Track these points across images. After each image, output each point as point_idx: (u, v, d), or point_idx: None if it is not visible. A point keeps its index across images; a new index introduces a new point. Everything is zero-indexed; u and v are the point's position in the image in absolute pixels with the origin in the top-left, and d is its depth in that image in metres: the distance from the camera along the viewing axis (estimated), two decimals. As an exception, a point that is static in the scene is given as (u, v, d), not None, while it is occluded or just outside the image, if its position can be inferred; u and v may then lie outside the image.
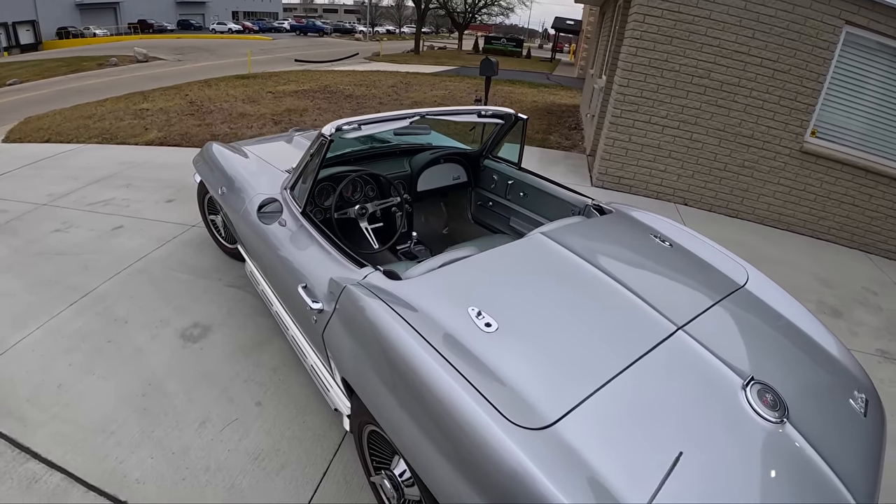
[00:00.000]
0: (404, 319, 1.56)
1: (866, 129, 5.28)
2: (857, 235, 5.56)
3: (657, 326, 1.69)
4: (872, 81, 5.13)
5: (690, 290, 2.00)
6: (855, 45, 5.05)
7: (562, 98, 14.00)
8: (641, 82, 5.53)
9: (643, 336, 1.64)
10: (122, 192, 5.19)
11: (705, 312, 1.83)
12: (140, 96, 10.78)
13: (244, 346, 2.96)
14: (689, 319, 1.76)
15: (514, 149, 3.37)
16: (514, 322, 1.60)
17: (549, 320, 1.65)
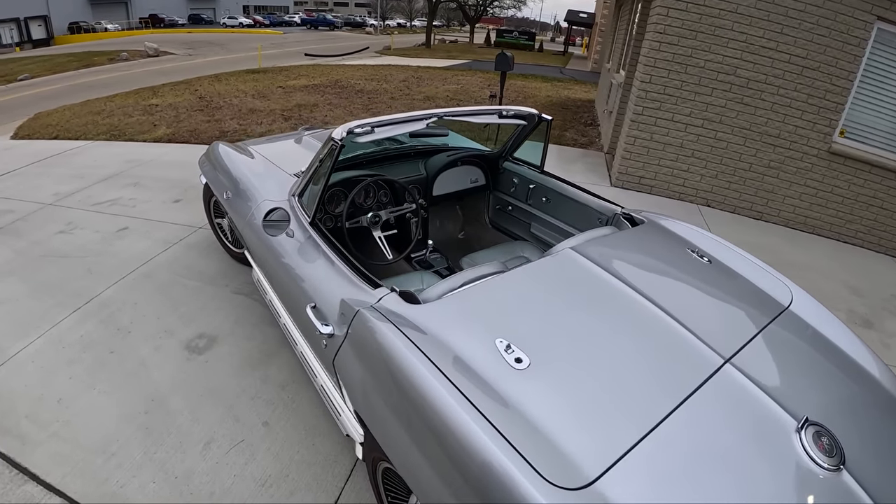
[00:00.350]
0: (424, 353, 1.41)
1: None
2: (885, 240, 5.34)
3: (703, 359, 1.53)
4: (906, 79, 4.89)
5: (734, 315, 1.83)
6: (887, 42, 4.81)
7: (576, 93, 13.75)
8: (664, 78, 5.31)
9: (689, 371, 1.48)
10: (128, 192, 5.08)
11: (752, 341, 1.67)
12: (149, 91, 10.69)
13: (251, 359, 2.82)
14: (735, 350, 1.60)
15: (534, 148, 3.20)
16: (547, 356, 1.44)
17: (585, 353, 1.49)
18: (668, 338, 1.59)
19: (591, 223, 2.80)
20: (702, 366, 1.50)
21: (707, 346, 1.58)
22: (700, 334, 1.62)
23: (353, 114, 9.23)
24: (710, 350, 1.57)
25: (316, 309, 1.86)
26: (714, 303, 1.89)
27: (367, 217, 2.74)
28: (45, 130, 7.65)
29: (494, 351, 1.42)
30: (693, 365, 1.50)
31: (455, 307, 1.61)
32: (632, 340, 1.57)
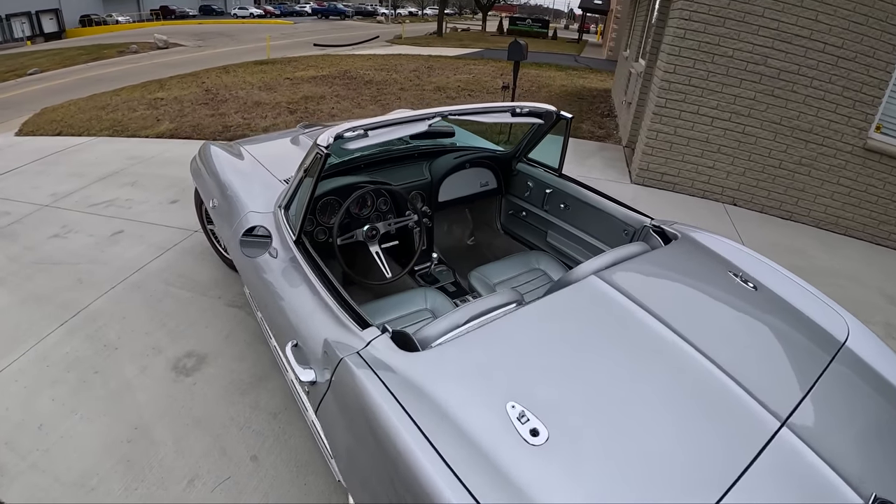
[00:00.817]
0: (416, 424, 1.16)
1: (940, 123, 4.69)
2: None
3: (756, 424, 1.27)
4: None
5: (787, 359, 1.56)
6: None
7: (591, 82, 13.35)
8: (689, 69, 4.97)
9: (740, 442, 1.21)
10: (125, 192, 4.89)
11: (809, 393, 1.41)
12: (156, 84, 10.51)
13: (241, 383, 2.61)
14: (792, 408, 1.35)
15: (549, 146, 2.92)
16: (570, 426, 1.18)
17: (617, 420, 1.22)
18: (715, 396, 1.33)
19: (616, 235, 2.53)
20: (755, 433, 1.24)
21: (760, 404, 1.32)
22: (751, 389, 1.36)
23: (360, 106, 8.97)
24: (764, 410, 1.31)
25: (297, 349, 1.61)
26: (764, 344, 1.61)
27: (362, 230, 2.46)
28: (50, 126, 7.50)
29: (505, 419, 1.16)
30: (745, 432, 1.24)
31: (458, 357, 1.35)
32: (673, 402, 1.30)
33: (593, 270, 1.91)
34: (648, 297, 1.64)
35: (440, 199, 2.93)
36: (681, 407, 1.29)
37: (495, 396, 1.23)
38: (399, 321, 2.21)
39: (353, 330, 1.49)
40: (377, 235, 2.47)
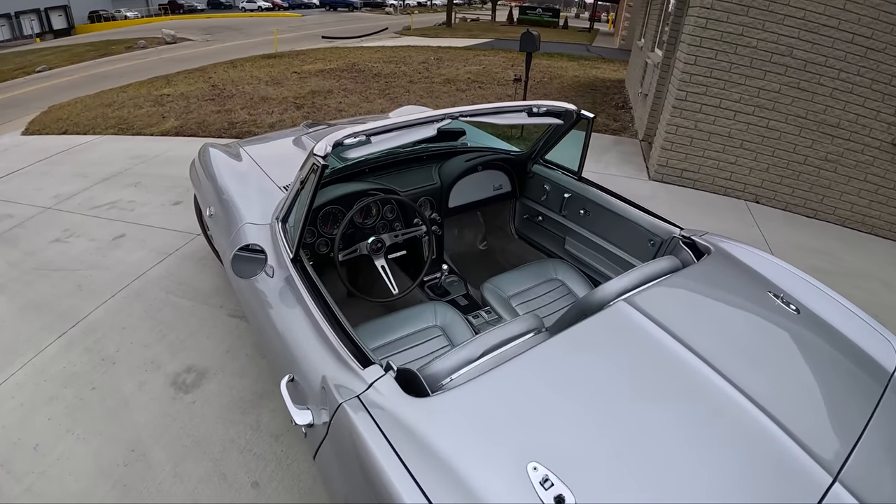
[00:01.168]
0: (421, 490, 1.01)
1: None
2: (952, 241, 4.77)
3: (807, 479, 1.12)
4: None
5: (836, 397, 1.40)
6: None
7: (604, 72, 13.06)
8: (711, 59, 4.75)
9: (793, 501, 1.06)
10: (128, 193, 4.79)
11: (861, 439, 1.26)
12: (163, 80, 10.40)
13: (242, 401, 2.48)
14: (844, 458, 1.19)
15: (566, 146, 2.75)
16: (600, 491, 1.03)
17: (652, 480, 1.07)
18: (762, 449, 1.17)
19: (641, 246, 2.36)
20: (807, 492, 1.09)
21: (810, 455, 1.17)
22: (800, 437, 1.20)
23: (368, 100, 8.80)
24: (815, 463, 1.15)
25: (294, 385, 1.47)
26: (811, 381, 1.43)
27: (366, 243, 2.29)
28: (56, 125, 7.42)
29: (525, 484, 1.01)
30: (796, 491, 1.09)
31: (472, 404, 1.19)
32: (717, 457, 1.14)
33: (620, 291, 1.75)
34: (683, 328, 1.47)
35: (451, 205, 2.77)
36: (725, 463, 1.14)
37: (515, 455, 1.07)
38: (407, 340, 2.06)
39: (354, 368, 1.34)
40: (383, 248, 2.30)
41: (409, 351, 2.03)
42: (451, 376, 1.33)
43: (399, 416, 1.16)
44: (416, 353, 2.03)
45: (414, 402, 1.20)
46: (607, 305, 1.74)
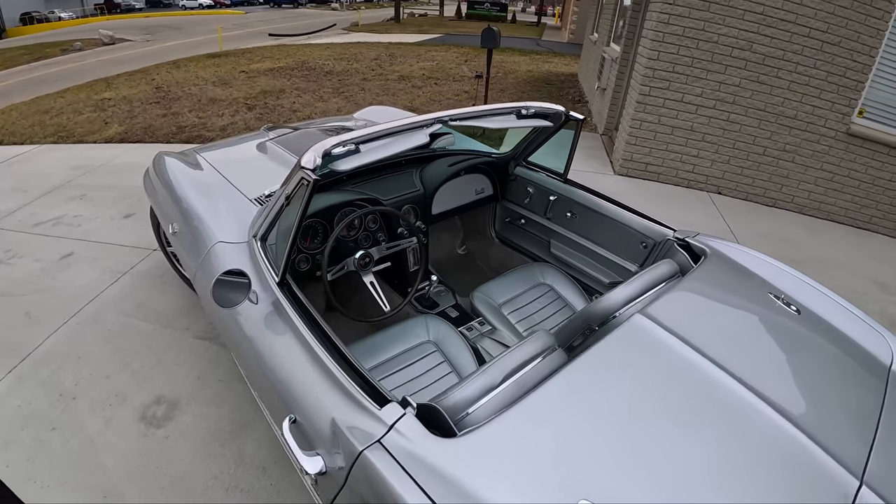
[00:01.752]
0: None
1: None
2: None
3: (837, 485, 1.12)
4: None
5: (847, 397, 1.42)
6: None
7: (557, 66, 13.17)
8: (674, 55, 4.79)
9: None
10: (74, 207, 4.44)
11: (877, 438, 1.28)
12: (103, 84, 9.81)
13: (220, 432, 2.30)
14: (865, 459, 1.20)
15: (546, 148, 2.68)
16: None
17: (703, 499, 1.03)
18: (798, 460, 1.16)
19: (632, 248, 2.31)
20: (839, 496, 1.10)
21: (837, 462, 1.17)
22: (824, 443, 1.20)
23: (322, 99, 8.55)
24: (841, 468, 1.15)
25: (296, 426, 1.32)
26: (822, 382, 1.45)
27: (354, 259, 2.12)
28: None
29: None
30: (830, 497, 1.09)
31: (508, 441, 1.09)
32: (759, 474, 1.12)
33: (626, 300, 1.69)
34: (702, 339, 1.44)
35: (434, 212, 2.65)
36: (766, 478, 1.11)
37: (563, 493, 1.00)
38: (401, 358, 1.94)
39: (369, 408, 1.21)
40: (371, 263, 2.15)
41: (404, 370, 1.91)
42: (473, 406, 1.23)
43: (430, 461, 1.05)
44: (413, 372, 1.91)
45: (444, 444, 1.09)
46: (614, 316, 1.68)
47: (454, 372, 1.94)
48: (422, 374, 1.91)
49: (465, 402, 1.24)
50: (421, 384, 1.87)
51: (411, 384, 1.86)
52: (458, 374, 1.93)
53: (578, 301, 2.43)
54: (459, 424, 1.18)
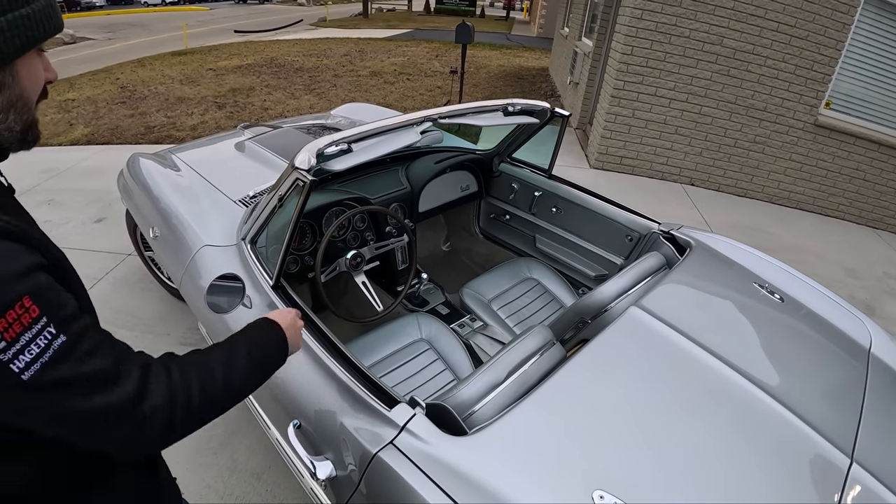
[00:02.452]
0: None
1: (882, 99, 4.86)
2: (866, 211, 5.23)
3: (830, 464, 1.19)
4: (891, 49, 4.65)
5: (832, 379, 1.50)
6: (875, 8, 4.54)
7: (527, 60, 13.24)
8: (647, 49, 4.87)
9: (825, 489, 1.13)
10: (42, 212, 4.28)
11: (862, 417, 1.35)
12: (66, 84, 9.46)
13: (212, 439, 2.26)
14: (853, 438, 1.27)
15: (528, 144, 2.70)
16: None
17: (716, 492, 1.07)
18: (793, 442, 1.22)
19: (617, 241, 2.35)
20: (833, 475, 1.16)
21: (827, 440, 1.23)
22: (815, 423, 1.27)
23: (294, 96, 8.43)
24: (832, 447, 1.22)
25: (302, 431, 1.31)
26: (809, 366, 1.53)
27: (345, 259, 2.09)
28: (-62, 136, 6.55)
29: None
30: (825, 477, 1.16)
31: (520, 437, 1.10)
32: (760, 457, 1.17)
33: (618, 293, 1.72)
34: (696, 329, 1.49)
35: (421, 210, 2.64)
36: (766, 462, 1.17)
37: (577, 484, 1.02)
38: (395, 357, 1.94)
39: (378, 409, 1.20)
40: (362, 263, 2.13)
41: (399, 370, 1.91)
42: (479, 404, 1.23)
43: (445, 459, 1.05)
44: (408, 371, 1.91)
45: (458, 442, 1.09)
46: (606, 309, 1.71)
47: (449, 369, 1.94)
48: (417, 373, 1.90)
49: (472, 399, 1.24)
50: (416, 382, 1.87)
51: (407, 383, 1.86)
52: (453, 371, 1.93)
53: (565, 295, 2.46)
54: (467, 422, 1.19)
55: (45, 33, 0.73)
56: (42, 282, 0.64)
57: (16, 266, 0.61)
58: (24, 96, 0.74)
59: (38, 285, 0.63)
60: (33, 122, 0.79)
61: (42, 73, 0.77)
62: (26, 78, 0.73)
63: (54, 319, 0.62)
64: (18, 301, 0.59)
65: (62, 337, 0.63)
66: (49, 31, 0.74)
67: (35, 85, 0.76)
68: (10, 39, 0.67)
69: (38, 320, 0.61)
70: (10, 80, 0.70)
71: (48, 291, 0.64)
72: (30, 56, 0.72)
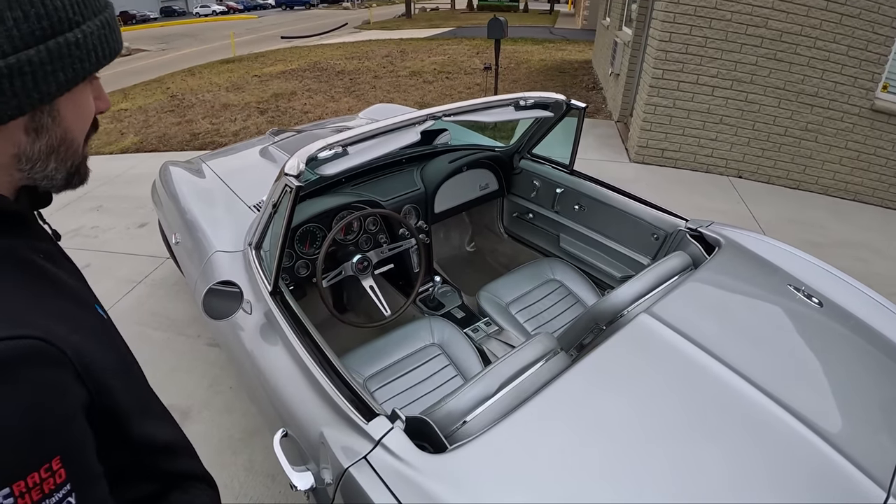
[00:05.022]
0: None
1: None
2: (932, 203, 4.79)
3: (861, 498, 1.04)
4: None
5: (875, 400, 1.31)
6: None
7: (570, 54, 12.97)
8: (686, 35, 4.64)
9: None
10: (91, 218, 4.50)
11: None
12: (120, 95, 9.95)
13: (231, 440, 2.30)
14: (893, 469, 1.11)
15: (551, 139, 2.61)
16: None
17: None
18: (821, 474, 1.07)
19: (643, 240, 2.23)
20: None
21: (861, 470, 1.08)
22: (847, 451, 1.11)
23: (334, 99, 8.55)
24: (867, 478, 1.07)
25: (288, 440, 1.29)
26: (850, 382, 1.35)
27: (351, 263, 2.06)
28: (5, 148, 7.01)
29: None
30: None
31: (502, 456, 1.03)
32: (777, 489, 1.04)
33: (634, 297, 1.62)
34: (712, 340, 1.35)
35: (436, 210, 2.60)
36: (783, 489, 1.04)
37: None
38: (404, 363, 1.90)
39: (357, 422, 1.16)
40: (370, 267, 2.09)
41: (408, 375, 1.87)
42: (469, 417, 1.18)
43: (417, 480, 1.00)
44: (417, 377, 1.87)
45: (431, 461, 1.04)
46: (622, 314, 1.61)
47: (460, 375, 1.89)
48: (426, 379, 1.86)
49: (460, 412, 1.19)
50: (425, 389, 1.83)
51: (415, 389, 1.82)
52: (464, 377, 1.88)
53: (590, 297, 2.36)
54: (453, 437, 1.13)
55: (97, 62, 0.57)
56: (79, 433, 0.50)
57: (59, 411, 0.47)
58: (69, 138, 0.58)
59: (74, 440, 0.49)
60: (81, 165, 0.63)
61: (92, 105, 0.61)
62: (72, 117, 0.58)
63: (79, 487, 0.48)
64: (47, 463, 0.45)
65: None
66: (105, 59, 0.58)
67: (83, 122, 0.60)
68: (52, 74, 0.51)
69: (61, 488, 0.46)
70: (49, 121, 0.55)
71: (83, 449, 0.51)
72: (77, 90, 0.56)
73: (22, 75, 0.48)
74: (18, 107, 0.50)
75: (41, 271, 0.58)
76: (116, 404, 0.58)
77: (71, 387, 0.50)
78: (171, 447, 0.71)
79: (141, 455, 0.65)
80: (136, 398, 0.64)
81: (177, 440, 0.75)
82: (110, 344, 0.62)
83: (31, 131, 0.54)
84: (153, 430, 0.67)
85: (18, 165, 0.56)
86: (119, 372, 0.60)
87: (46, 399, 0.46)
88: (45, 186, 0.60)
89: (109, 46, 0.58)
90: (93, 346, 0.56)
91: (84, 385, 0.52)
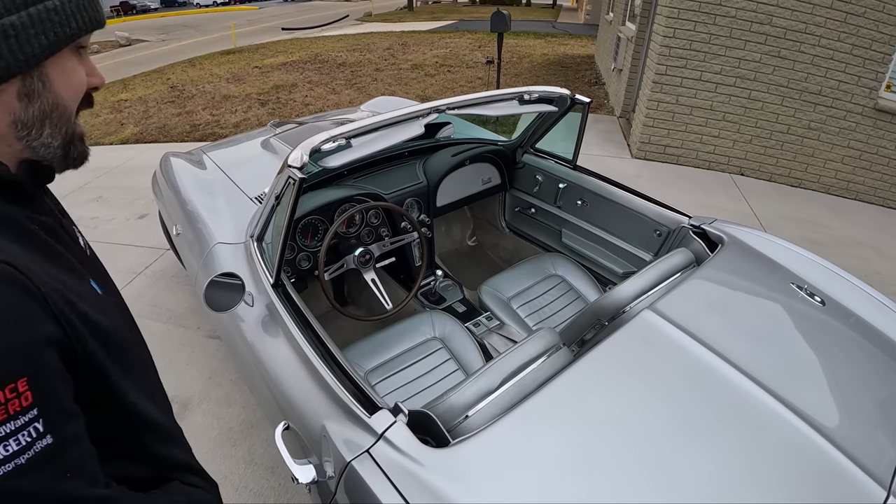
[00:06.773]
0: None
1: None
2: (934, 203, 4.79)
3: (862, 498, 1.04)
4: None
5: (878, 399, 1.32)
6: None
7: (573, 48, 12.92)
8: (690, 31, 4.62)
9: None
10: (91, 209, 4.49)
11: None
12: (120, 85, 9.91)
13: (231, 433, 2.30)
14: (894, 468, 1.11)
15: (554, 133, 2.60)
16: None
17: None
18: (820, 472, 1.08)
19: (646, 236, 2.22)
20: None
21: (862, 470, 1.08)
22: (849, 450, 1.11)
23: (335, 91, 8.51)
24: (868, 478, 1.07)
25: (290, 433, 1.29)
26: (852, 381, 1.35)
27: (353, 256, 2.06)
28: (5, 137, 6.98)
29: None
30: None
31: (505, 451, 1.04)
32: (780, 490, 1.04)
33: (637, 293, 1.62)
34: (716, 337, 1.35)
35: (439, 204, 2.59)
36: (783, 487, 1.04)
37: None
38: (405, 357, 1.90)
39: (359, 415, 1.16)
40: (372, 260, 2.09)
41: (409, 369, 1.87)
42: (471, 411, 1.18)
43: (418, 473, 1.00)
44: (418, 371, 1.87)
45: (434, 455, 1.04)
46: (624, 311, 1.61)
47: (461, 369, 1.89)
48: (427, 373, 1.86)
49: (462, 406, 1.19)
50: (426, 382, 1.83)
51: (416, 383, 1.82)
52: (465, 371, 1.88)
53: (592, 293, 2.36)
54: (455, 431, 1.13)
55: (78, 29, 0.62)
56: (50, 366, 0.53)
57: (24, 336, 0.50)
58: (61, 105, 0.63)
59: (43, 369, 0.51)
60: (74, 136, 0.67)
61: (83, 77, 0.66)
62: (61, 83, 0.62)
63: (46, 414, 0.51)
64: (12, 383, 0.48)
65: (49, 438, 0.51)
66: (84, 27, 0.62)
67: (74, 92, 0.65)
68: (35, 37, 0.57)
69: (28, 411, 0.49)
70: (39, 86, 0.60)
71: (53, 382, 0.53)
72: (63, 57, 0.62)
73: (6, 38, 0.55)
74: (6, 68, 0.56)
75: (37, 238, 0.61)
76: (103, 367, 0.61)
77: (39, 319, 0.52)
78: (164, 431, 0.73)
79: (131, 426, 0.67)
80: (132, 374, 0.67)
81: (171, 428, 0.77)
82: (102, 313, 0.64)
83: (23, 97, 0.59)
84: (148, 409, 0.69)
85: (16, 133, 0.61)
86: (110, 340, 0.63)
87: (10, 319, 0.49)
88: (45, 157, 0.65)
89: (88, 15, 0.63)
90: (75, 300, 0.58)
91: (60, 325, 0.55)
